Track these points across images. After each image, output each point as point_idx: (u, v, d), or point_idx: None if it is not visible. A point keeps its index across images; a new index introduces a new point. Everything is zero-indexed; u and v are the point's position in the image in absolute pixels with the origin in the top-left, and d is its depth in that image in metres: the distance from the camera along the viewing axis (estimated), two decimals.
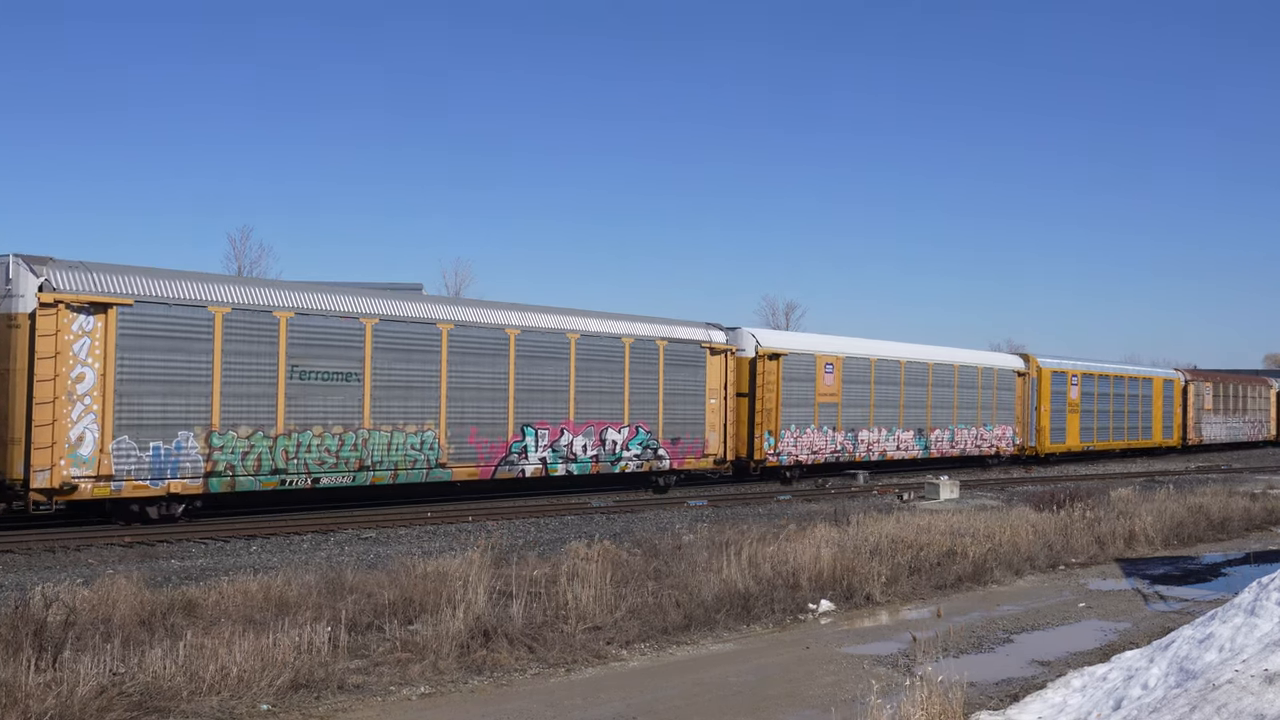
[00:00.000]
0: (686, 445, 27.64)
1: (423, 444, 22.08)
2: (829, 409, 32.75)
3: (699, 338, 28.27)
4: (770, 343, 31.14)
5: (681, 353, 27.73)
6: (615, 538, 17.27)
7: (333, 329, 20.85)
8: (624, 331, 26.38)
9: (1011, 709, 9.10)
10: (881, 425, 34.88)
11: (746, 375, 30.07)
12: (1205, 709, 6.61)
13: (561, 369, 24.83)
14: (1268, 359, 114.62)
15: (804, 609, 13.24)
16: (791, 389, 31.32)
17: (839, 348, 33.79)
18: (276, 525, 19.50)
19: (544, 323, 24.73)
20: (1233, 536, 21.70)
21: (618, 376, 26.11)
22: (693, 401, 27.95)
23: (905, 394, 35.92)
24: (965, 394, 38.95)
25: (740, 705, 9.43)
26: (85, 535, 17.63)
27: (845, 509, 20.82)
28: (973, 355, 40.66)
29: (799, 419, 31.55)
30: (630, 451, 26.25)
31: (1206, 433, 56.35)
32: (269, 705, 8.80)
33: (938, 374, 37.66)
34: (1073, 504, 21.11)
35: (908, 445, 36.11)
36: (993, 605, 14.25)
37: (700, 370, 28.20)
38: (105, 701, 8.12)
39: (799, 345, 32.55)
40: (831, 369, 32.75)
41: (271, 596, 11.39)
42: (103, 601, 10.71)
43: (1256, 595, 9.11)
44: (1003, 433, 41.07)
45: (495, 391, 23.50)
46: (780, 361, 30.77)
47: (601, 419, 25.64)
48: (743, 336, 30.39)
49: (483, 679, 9.95)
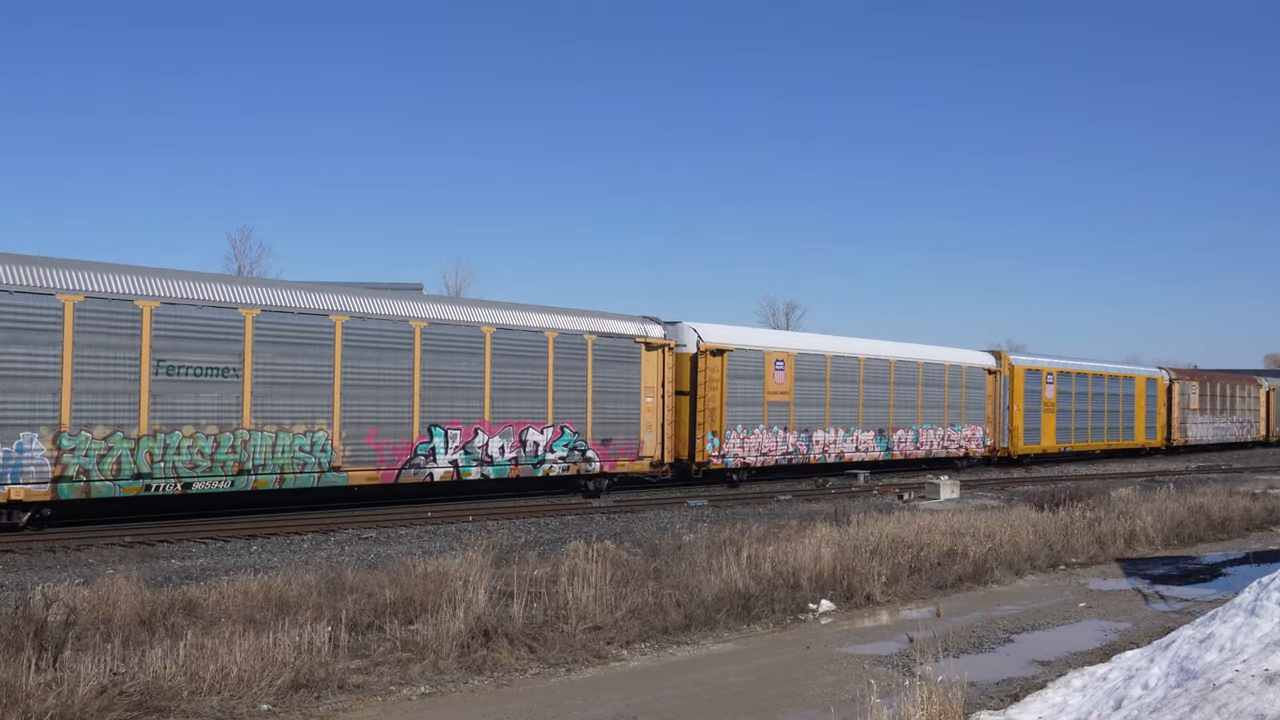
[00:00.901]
0: (619, 447, 25.94)
1: (313, 445, 20.37)
2: (780, 408, 30.92)
3: (632, 332, 26.42)
4: (713, 338, 29.04)
5: (613, 348, 25.92)
6: (615, 537, 17.28)
7: (207, 320, 19.06)
8: (546, 325, 24.70)
9: (1012, 709, 9.09)
10: (838, 425, 33.12)
11: (687, 372, 28.28)
12: (1206, 709, 6.61)
13: (475, 365, 23.18)
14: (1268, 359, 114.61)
15: (804, 609, 13.23)
16: (738, 387, 29.49)
17: (790, 343, 32.21)
18: (276, 525, 19.50)
19: (454, 315, 23.11)
20: (1233, 536, 21.68)
21: (540, 373, 24.43)
22: (626, 400, 26.17)
23: (865, 392, 34.25)
24: (931, 392, 37.15)
25: (740, 705, 9.43)
26: (85, 535, 17.64)
27: (845, 509, 20.82)
28: (939, 352, 38.54)
29: (747, 419, 29.79)
30: (555, 453, 24.57)
31: (1192, 433, 54.60)
32: (269, 705, 8.80)
33: (901, 371, 35.91)
34: (1073, 504, 21.12)
35: (868, 446, 34.37)
36: (993, 605, 14.24)
37: (634, 367, 26.39)
38: (105, 701, 8.12)
39: (746, 340, 30.34)
40: (782, 366, 30.93)
41: (272, 596, 11.39)
42: (103, 601, 10.71)
43: (1257, 595, 9.11)
44: (972, 433, 39.30)
45: (398, 389, 21.83)
46: (725, 358, 28.94)
47: (522, 419, 23.98)
48: (683, 331, 28.44)
49: (483, 679, 9.95)
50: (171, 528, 18.70)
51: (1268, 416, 64.18)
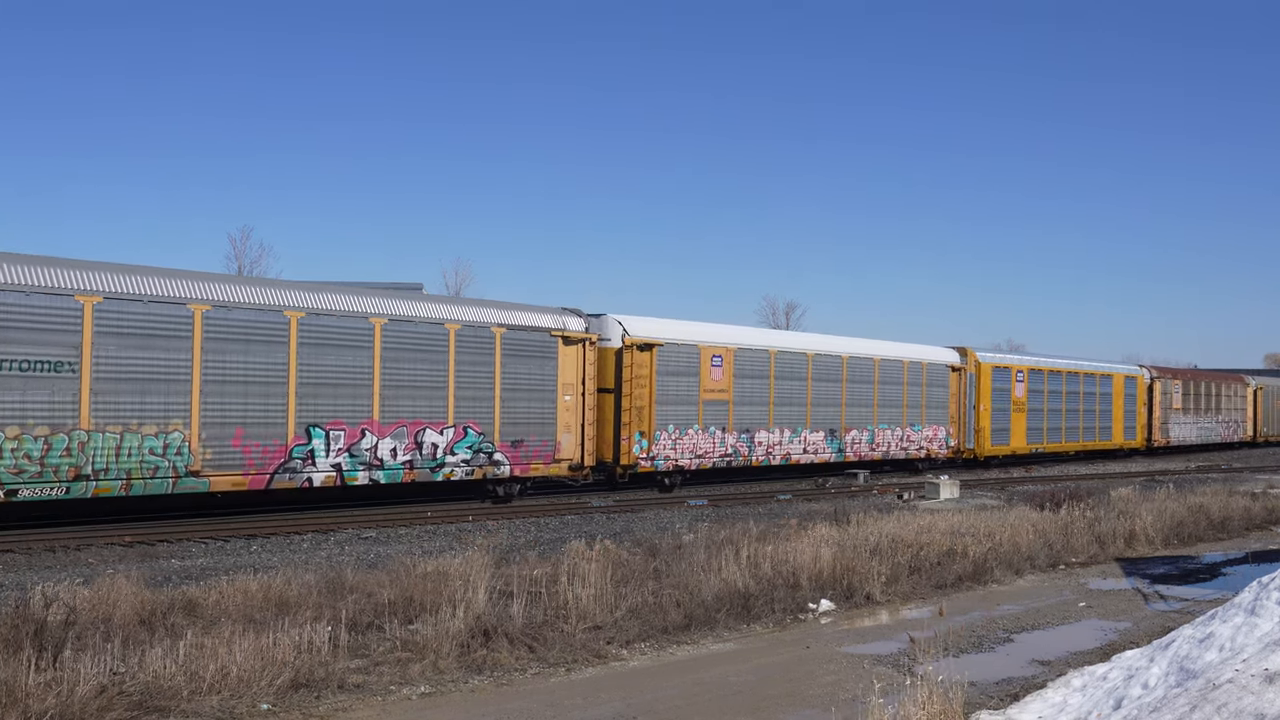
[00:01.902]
0: (532, 448, 23.99)
1: (167, 448, 18.25)
2: (717, 407, 28.93)
3: (548, 324, 24.53)
4: (641, 331, 27.00)
5: (525, 342, 23.94)
6: (615, 537, 17.28)
7: (35, 309, 17.07)
8: (447, 316, 22.63)
9: (1012, 708, 9.09)
10: (784, 425, 31.03)
11: (611, 368, 26.32)
12: (1205, 708, 6.61)
13: (363, 359, 21.05)
14: (1268, 359, 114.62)
15: (804, 608, 13.23)
16: (669, 384, 27.53)
17: (729, 338, 29.92)
18: (276, 525, 19.50)
19: (338, 304, 20.89)
20: (1233, 536, 21.69)
21: (439, 368, 22.35)
22: (540, 398, 24.24)
23: (814, 390, 32.18)
24: (888, 390, 35.24)
25: (740, 705, 9.43)
26: (85, 535, 17.64)
27: (845, 508, 20.83)
28: (897, 348, 36.69)
29: (680, 418, 27.80)
30: (457, 456, 22.53)
31: (1175, 433, 52.49)
32: (269, 705, 8.80)
33: (854, 368, 33.93)
34: (1073, 504, 21.13)
35: (817, 447, 32.30)
36: (993, 605, 14.25)
37: (550, 362, 24.43)
38: (105, 701, 8.12)
39: (678, 334, 28.14)
40: (720, 361, 28.92)
41: (271, 596, 11.39)
42: (103, 601, 10.70)
43: (1257, 595, 9.11)
44: (934, 433, 37.34)
45: (270, 385, 19.69)
46: (654, 353, 27.00)
47: (419, 418, 21.92)
48: (607, 324, 26.53)
49: (483, 678, 9.95)
50: (171, 528, 18.70)
51: (1255, 416, 62.32)
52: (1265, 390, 63.40)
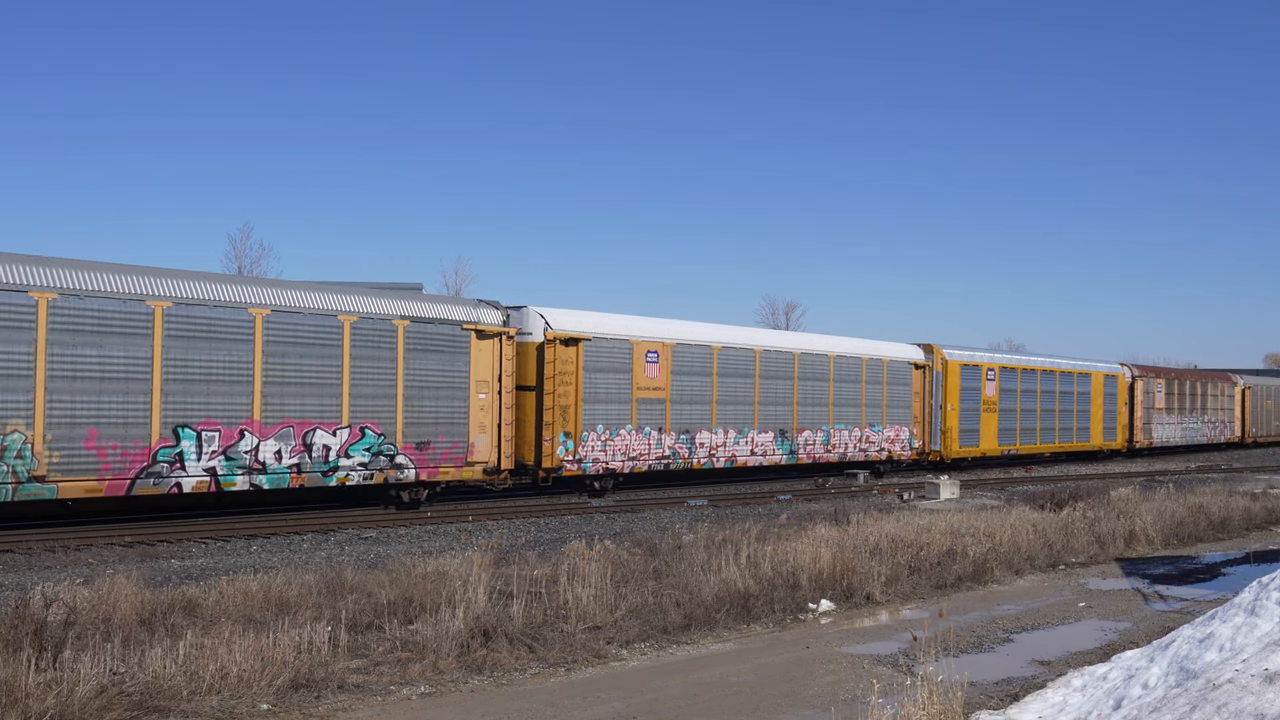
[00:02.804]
0: (441, 451, 22.25)
1: (4, 450, 16.60)
2: (653, 406, 27.13)
3: (459, 317, 22.75)
4: (566, 324, 25.33)
5: (432, 335, 22.16)
6: (615, 537, 17.28)
7: None
8: (341, 307, 20.78)
9: (1012, 709, 9.10)
10: (729, 426, 29.32)
11: (533, 364, 24.72)
12: (1205, 708, 6.61)
13: (242, 353, 19.20)
14: (1268, 359, 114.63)
15: (804, 609, 13.24)
16: (598, 381, 25.82)
17: (666, 332, 28.05)
18: (276, 525, 19.52)
19: (211, 293, 19.00)
20: (1233, 536, 21.70)
21: (332, 364, 20.48)
22: (451, 396, 22.47)
23: (761, 388, 30.35)
24: (845, 389, 33.49)
25: (740, 705, 9.43)
26: (85, 535, 17.65)
27: (845, 508, 20.83)
28: (855, 344, 35.06)
29: (611, 418, 26.05)
30: (352, 459, 20.71)
31: (1158, 434, 50.79)
32: (269, 705, 8.80)
33: (807, 365, 32.09)
34: (1073, 504, 21.13)
35: (766, 449, 30.48)
36: (993, 605, 14.25)
37: (462, 358, 22.66)
38: (105, 701, 8.12)
39: (608, 328, 26.39)
40: (656, 357, 27.18)
41: (271, 596, 11.39)
42: (103, 601, 10.70)
43: (1257, 595, 9.11)
44: (896, 434, 35.57)
45: (130, 381, 17.94)
46: (580, 348, 25.27)
47: (307, 418, 20.08)
48: (528, 317, 24.78)
49: (483, 679, 9.96)
50: (171, 528, 18.71)
51: (1243, 416, 60.55)
52: (1254, 390, 61.98)
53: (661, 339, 27.68)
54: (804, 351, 32.26)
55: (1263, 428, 63.16)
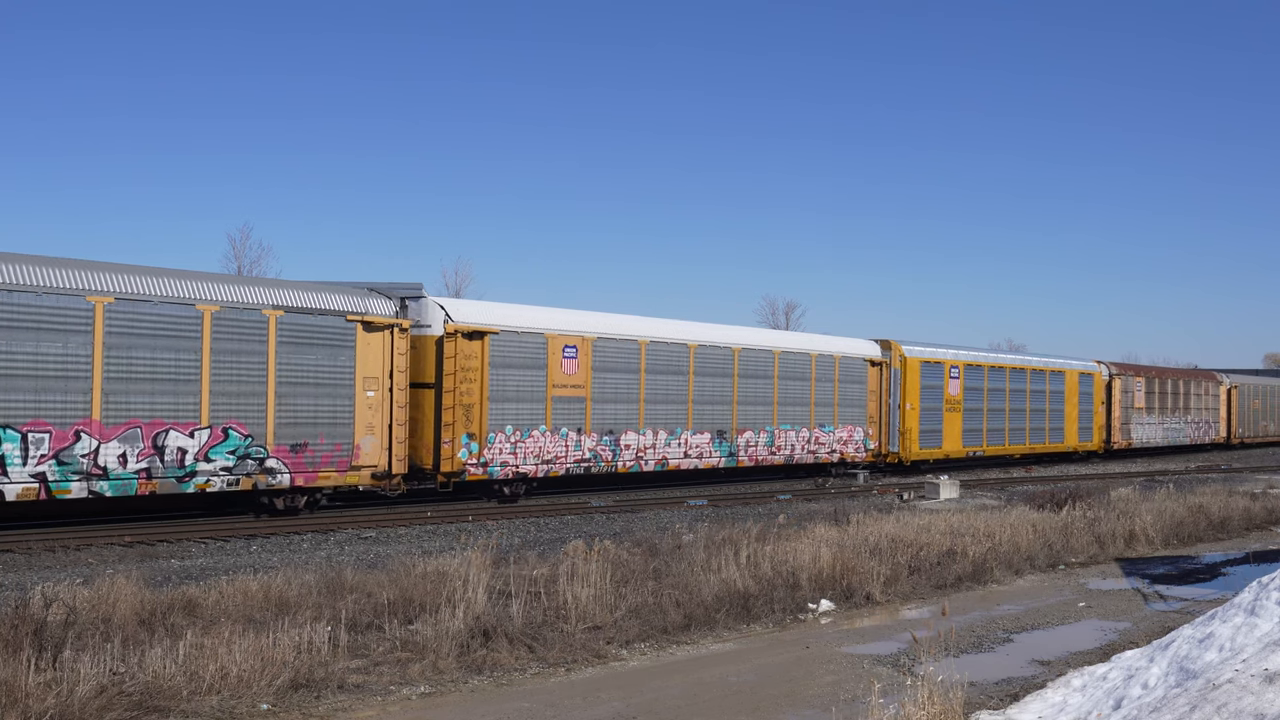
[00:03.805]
0: (320, 453, 20.32)
1: None
2: (571, 405, 25.31)
3: (342, 307, 20.82)
4: (469, 316, 23.57)
5: (311, 327, 20.24)
6: (615, 537, 17.28)
7: None
8: (200, 296, 18.78)
9: (1012, 709, 9.11)
10: (658, 426, 27.39)
11: (432, 360, 22.90)
12: (1205, 708, 6.61)
13: (77, 346, 17.34)
14: (1267, 359, 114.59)
15: (804, 608, 13.24)
16: (508, 378, 24.01)
17: (587, 325, 26.14)
18: (276, 525, 19.53)
19: (38, 278, 17.08)
20: (1233, 536, 21.71)
21: (189, 358, 18.55)
22: (332, 394, 20.52)
23: (696, 386, 28.48)
24: (792, 387, 31.57)
25: (740, 705, 9.43)
26: (85, 535, 17.65)
27: (845, 509, 20.84)
28: (803, 339, 33.54)
29: (522, 418, 24.29)
30: (213, 463, 18.84)
31: (1137, 434, 48.72)
32: (269, 705, 8.81)
33: (749, 362, 30.18)
34: (1073, 504, 21.12)
35: (702, 451, 28.66)
36: (993, 605, 14.26)
37: (346, 352, 20.72)
38: (105, 701, 8.12)
39: (519, 321, 24.59)
40: (574, 353, 25.33)
41: (271, 596, 11.40)
42: (103, 601, 10.71)
43: (1256, 595, 9.11)
44: (849, 435, 33.65)
45: None
46: (486, 342, 23.45)
47: (159, 418, 18.15)
48: (427, 308, 22.96)
49: (483, 678, 9.96)
50: (171, 528, 18.71)
51: (1229, 416, 58.55)
52: (1241, 389, 60.15)
53: (581, 332, 25.79)
54: (745, 347, 30.40)
55: (1250, 428, 61.46)
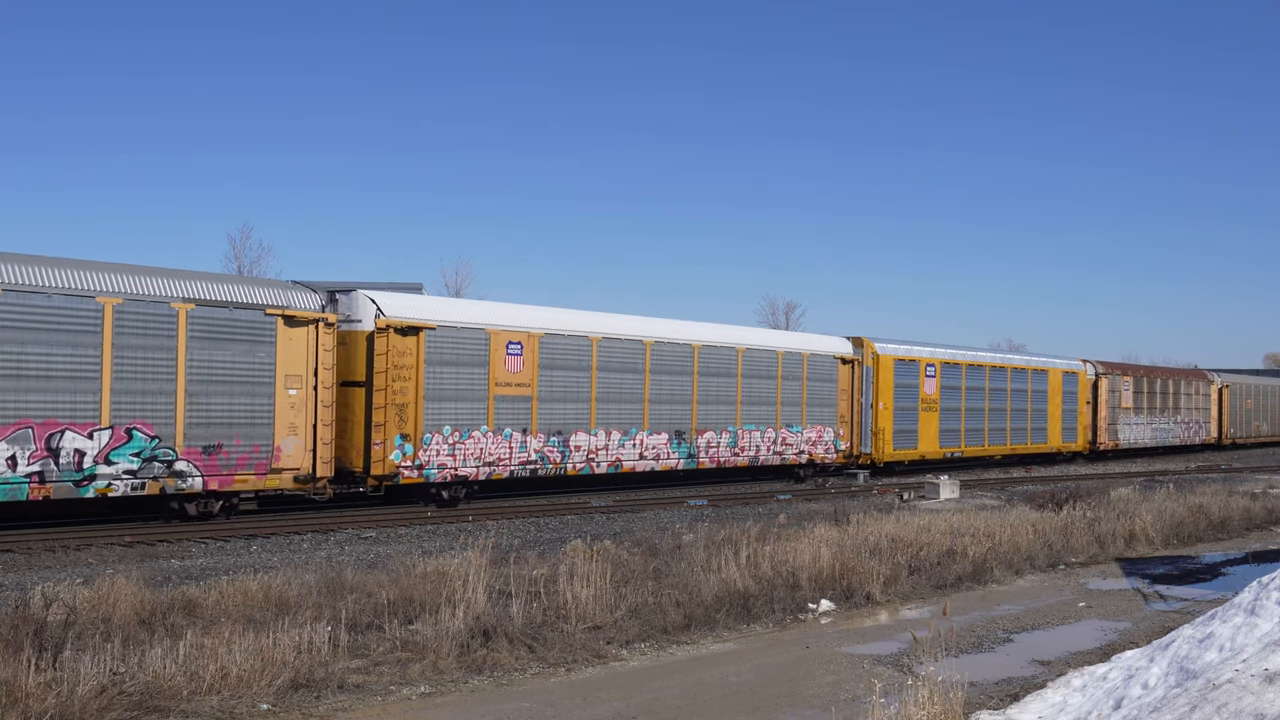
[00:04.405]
0: (236, 456, 19.22)
1: None
2: (515, 404, 24.07)
3: (261, 300, 19.62)
4: (403, 311, 22.25)
5: (226, 321, 19.06)
6: (615, 537, 17.28)
7: None
8: (100, 288, 17.68)
9: (1012, 709, 9.11)
10: (612, 426, 26.17)
11: (362, 356, 21.72)
12: (1205, 708, 6.61)
13: None
14: (1268, 359, 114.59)
15: (804, 608, 13.24)
16: (445, 376, 22.80)
17: (533, 320, 24.87)
18: (276, 525, 19.53)
19: None
20: (1233, 536, 21.71)
21: (88, 354, 17.49)
22: (251, 393, 19.38)
23: (653, 385, 27.21)
24: (756, 385, 30.25)
25: (740, 705, 9.44)
26: (85, 535, 17.65)
27: (845, 509, 20.84)
28: (769, 336, 32.18)
29: (462, 418, 23.08)
30: (115, 465, 17.76)
31: (1124, 435, 47.47)
32: (269, 705, 8.81)
33: (710, 359, 28.91)
34: (1073, 504, 21.13)
35: (659, 452, 27.35)
36: (993, 605, 14.26)
37: (266, 347, 19.55)
38: (105, 701, 8.12)
39: (458, 316, 23.47)
40: (519, 349, 24.10)
41: (271, 596, 11.40)
42: (103, 601, 10.71)
43: (1256, 595, 9.11)
44: (819, 436, 32.32)
45: None
46: (422, 337, 22.23)
47: (52, 417, 17.14)
48: (357, 303, 21.82)
49: (483, 678, 9.96)
50: (171, 528, 18.71)
51: (1220, 416, 57.25)
52: (1232, 388, 58.82)
53: (527, 328, 24.51)
54: (706, 344, 29.01)
55: (1241, 429, 60.28)
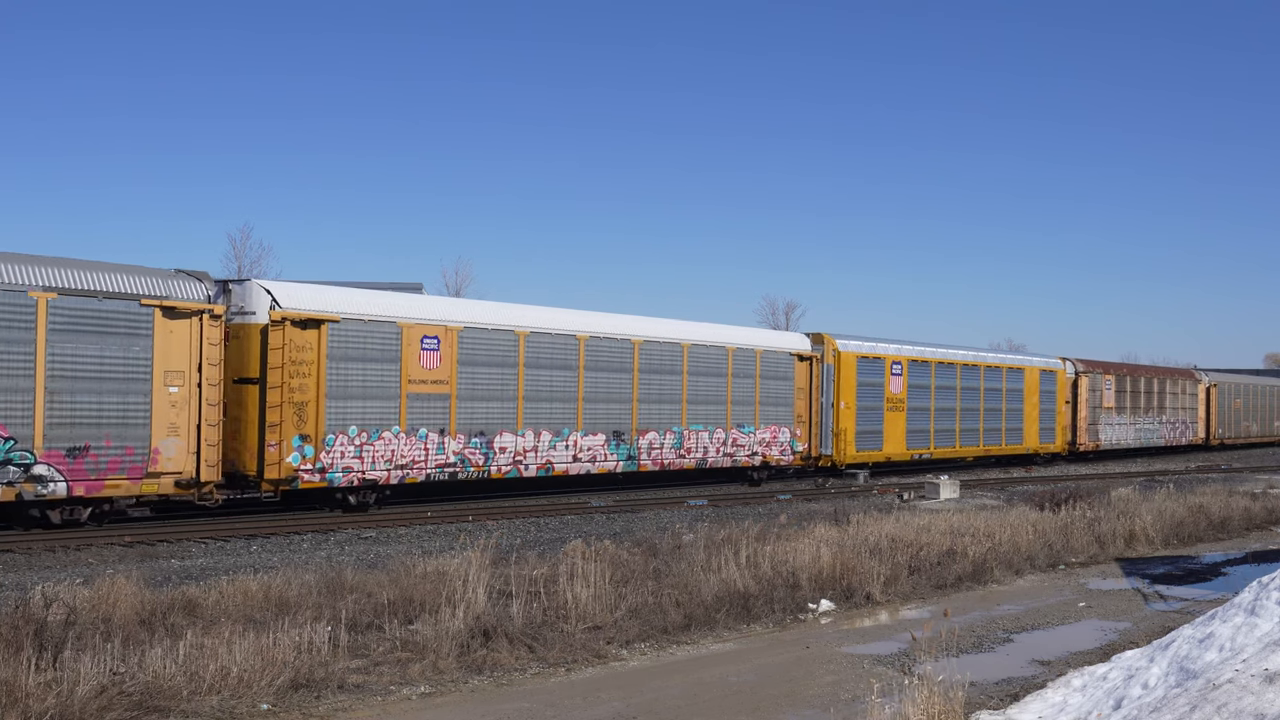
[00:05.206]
0: (107, 459, 17.66)
1: None
2: (431, 403, 22.58)
3: (136, 289, 18.01)
4: (302, 302, 20.62)
5: (94, 312, 17.56)
6: (615, 537, 17.29)
7: None
8: None
9: (1012, 709, 9.11)
10: (541, 427, 24.69)
11: (256, 351, 20.07)
12: (1205, 708, 6.61)
13: None
14: (1268, 359, 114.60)
15: (804, 608, 13.24)
16: (351, 372, 21.20)
17: (451, 314, 23.58)
18: (276, 525, 19.53)
19: None
20: (1233, 536, 21.72)
21: None
22: (123, 390, 17.79)
23: (588, 382, 25.70)
24: (704, 383, 28.79)
25: (740, 705, 9.44)
26: (85, 535, 17.63)
27: (845, 509, 20.84)
28: (718, 331, 30.28)
29: (370, 418, 21.53)
30: None
31: (1106, 435, 46.08)
32: (269, 705, 8.81)
33: (652, 355, 27.32)
34: (1073, 503, 21.12)
35: (596, 454, 25.90)
36: (993, 605, 14.26)
37: (141, 341, 17.96)
38: (105, 701, 8.13)
39: (366, 307, 21.83)
40: (436, 344, 22.67)
41: (271, 596, 11.40)
42: (103, 601, 10.71)
43: (1257, 595, 9.11)
44: (773, 436, 30.75)
45: None
46: (324, 331, 20.66)
47: None
48: (250, 293, 20.25)
49: (483, 678, 9.96)
50: (171, 528, 18.71)
51: (1208, 416, 55.79)
52: (1221, 388, 57.19)
53: (444, 321, 23.07)
54: (648, 339, 27.34)
55: (1230, 429, 58.71)
